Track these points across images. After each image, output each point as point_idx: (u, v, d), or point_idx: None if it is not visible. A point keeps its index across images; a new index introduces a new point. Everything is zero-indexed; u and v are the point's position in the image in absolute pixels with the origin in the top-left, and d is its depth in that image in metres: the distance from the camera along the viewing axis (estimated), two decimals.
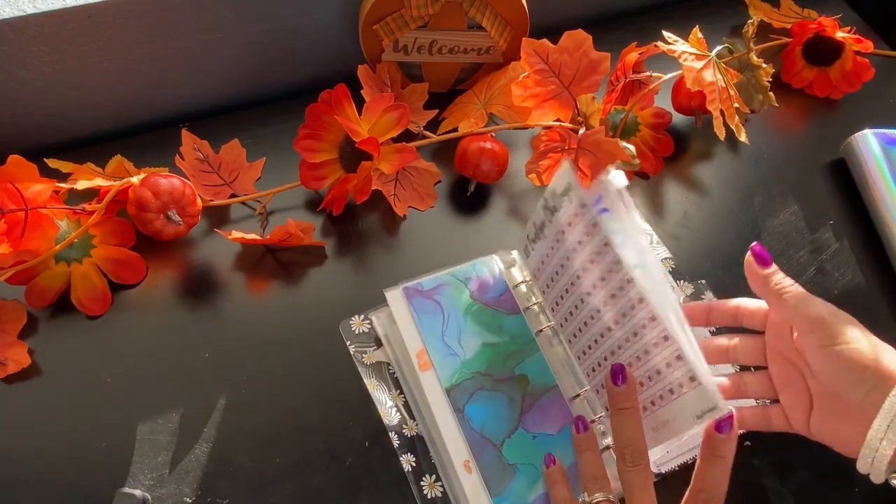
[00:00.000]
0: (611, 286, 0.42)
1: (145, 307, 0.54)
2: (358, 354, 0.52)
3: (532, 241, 0.50)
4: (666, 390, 0.41)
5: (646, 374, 0.42)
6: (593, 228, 0.42)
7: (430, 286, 0.52)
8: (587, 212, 0.42)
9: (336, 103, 0.54)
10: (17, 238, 0.49)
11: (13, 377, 0.50)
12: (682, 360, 0.39)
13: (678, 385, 0.40)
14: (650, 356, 0.41)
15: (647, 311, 0.40)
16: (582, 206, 0.42)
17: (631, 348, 0.42)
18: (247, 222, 0.59)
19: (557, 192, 0.44)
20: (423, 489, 0.47)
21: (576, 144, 0.57)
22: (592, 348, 0.46)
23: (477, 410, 0.47)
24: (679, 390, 0.40)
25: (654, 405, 0.42)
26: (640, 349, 0.41)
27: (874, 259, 0.60)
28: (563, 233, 0.45)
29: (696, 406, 0.39)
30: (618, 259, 0.41)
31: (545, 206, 0.46)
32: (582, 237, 0.43)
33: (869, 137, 0.62)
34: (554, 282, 0.48)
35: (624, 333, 0.42)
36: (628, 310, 0.41)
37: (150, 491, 0.46)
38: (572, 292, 0.46)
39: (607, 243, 0.41)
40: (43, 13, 0.52)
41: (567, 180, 0.43)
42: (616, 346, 0.43)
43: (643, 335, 0.41)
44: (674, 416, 0.41)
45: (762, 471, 0.49)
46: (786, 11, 0.75)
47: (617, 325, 0.43)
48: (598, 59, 0.57)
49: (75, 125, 0.62)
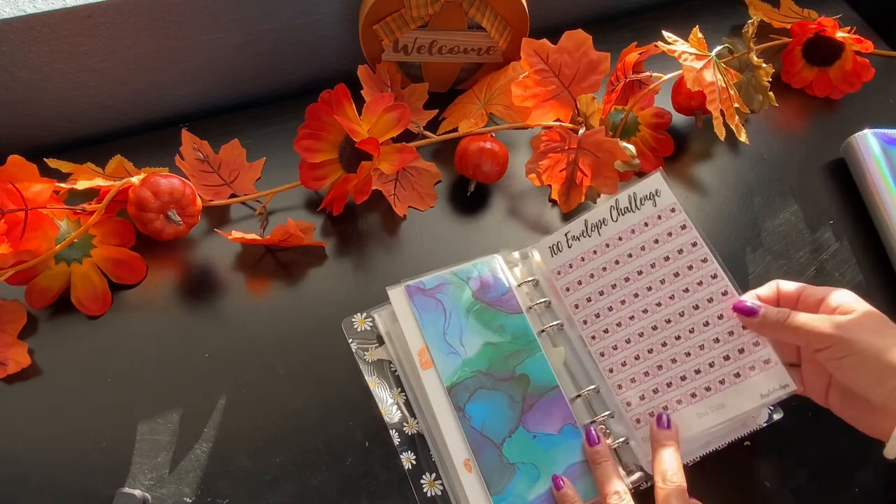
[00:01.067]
0: (687, 281, 0.48)
1: (145, 307, 0.54)
2: (360, 352, 0.52)
3: (573, 238, 0.52)
4: (731, 374, 0.45)
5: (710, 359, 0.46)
6: (681, 230, 0.49)
7: (432, 285, 0.52)
8: (676, 216, 0.49)
9: (336, 103, 0.54)
10: (17, 238, 0.49)
11: (13, 377, 0.50)
12: (759, 346, 0.45)
13: (748, 368, 0.45)
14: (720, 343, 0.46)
15: (728, 303, 0.46)
16: (672, 210, 0.49)
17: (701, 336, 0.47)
18: (247, 222, 0.59)
19: (640, 195, 0.50)
20: (423, 487, 0.47)
21: (576, 144, 0.57)
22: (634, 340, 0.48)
23: (477, 409, 0.47)
24: (748, 373, 0.45)
25: (724, 384, 0.45)
26: (710, 337, 0.46)
27: (874, 259, 0.60)
28: (633, 231, 0.50)
29: (765, 385, 0.44)
30: (705, 257, 0.48)
31: (615, 207, 0.51)
32: (661, 237, 0.49)
33: (869, 137, 0.62)
34: (594, 278, 0.51)
35: (691, 323, 0.47)
36: (704, 302, 0.47)
37: (150, 491, 0.46)
38: (623, 287, 0.50)
39: (695, 243, 0.48)
40: (43, 13, 0.52)
41: (657, 186, 0.50)
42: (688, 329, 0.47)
43: (719, 324, 0.46)
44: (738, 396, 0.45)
45: (762, 471, 0.49)
46: (786, 11, 0.75)
47: (682, 317, 0.47)
48: (598, 59, 0.58)
49: (75, 125, 0.63)
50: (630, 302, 0.49)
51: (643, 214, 0.50)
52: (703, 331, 0.47)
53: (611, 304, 0.50)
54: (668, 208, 0.49)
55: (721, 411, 0.45)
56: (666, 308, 0.48)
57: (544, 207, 0.61)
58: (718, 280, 0.47)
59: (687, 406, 0.46)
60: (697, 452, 0.47)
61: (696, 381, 0.46)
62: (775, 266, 0.58)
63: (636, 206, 0.50)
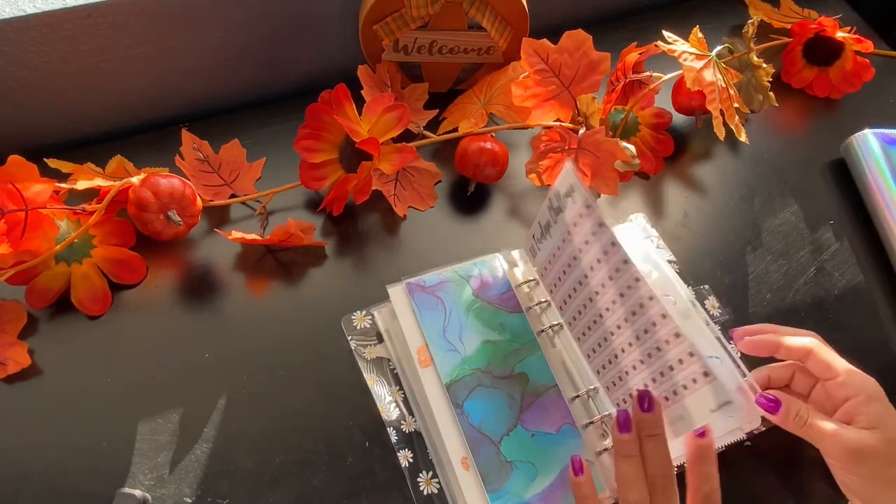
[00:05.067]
0: (619, 285, 0.42)
1: (145, 307, 0.54)
2: (359, 349, 0.52)
3: (538, 241, 0.50)
4: (679, 386, 0.41)
5: (657, 370, 0.42)
6: (600, 228, 0.42)
7: (432, 282, 0.52)
8: (592, 212, 0.43)
9: (336, 103, 0.54)
10: (17, 238, 0.49)
11: (13, 377, 0.50)
12: (694, 357, 0.40)
13: (691, 381, 0.40)
14: (662, 353, 0.41)
15: (657, 309, 0.40)
16: (587, 207, 0.43)
17: (641, 347, 0.42)
18: (247, 222, 0.59)
19: (561, 192, 0.45)
20: (420, 485, 0.47)
21: (576, 144, 0.57)
22: (602, 346, 0.46)
23: (476, 406, 0.47)
24: (693, 385, 0.40)
25: (668, 401, 0.42)
26: (651, 347, 0.42)
27: (874, 259, 0.60)
28: (570, 233, 0.45)
29: (712, 401, 0.40)
30: (626, 258, 0.41)
31: (550, 207, 0.47)
32: (588, 237, 0.44)
33: (869, 137, 0.62)
34: (561, 281, 0.48)
35: (634, 332, 0.42)
36: (637, 308, 0.41)
37: (150, 491, 0.46)
38: (580, 291, 0.46)
39: (614, 242, 0.41)
40: (43, 13, 0.52)
41: (570, 181, 0.44)
42: (627, 343, 0.43)
43: (654, 333, 0.41)
44: (688, 412, 0.41)
45: (762, 471, 0.49)
46: (786, 11, 0.75)
47: (626, 324, 0.43)
48: (598, 59, 0.57)
49: (75, 125, 0.63)
50: (590, 306, 0.46)
51: (572, 212, 0.45)
52: (644, 341, 0.42)
53: (581, 306, 0.47)
54: (584, 205, 0.44)
55: (682, 423, 0.42)
56: (612, 315, 0.44)
57: None
58: (642, 284, 0.41)
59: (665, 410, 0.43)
60: None
61: (657, 390, 0.43)
62: (775, 266, 0.58)
63: (563, 206, 0.45)
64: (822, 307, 0.57)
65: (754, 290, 0.57)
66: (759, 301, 0.56)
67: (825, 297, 0.57)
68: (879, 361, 0.52)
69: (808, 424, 0.44)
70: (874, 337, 0.56)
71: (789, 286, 0.57)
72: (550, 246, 0.48)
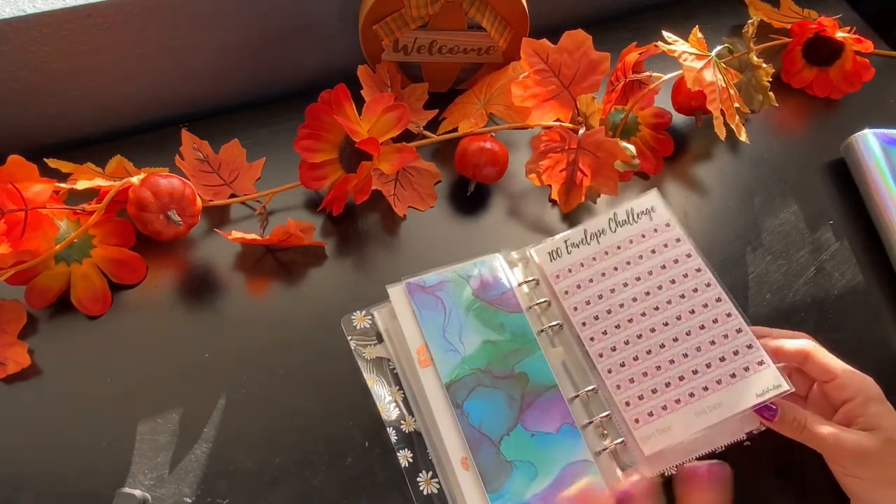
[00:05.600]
0: (682, 287, 0.51)
1: (145, 307, 0.54)
2: (359, 349, 0.52)
3: (573, 245, 0.54)
4: (727, 374, 0.47)
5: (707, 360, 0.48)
6: (676, 243, 0.53)
7: (432, 282, 0.52)
8: (671, 230, 0.53)
9: (336, 103, 0.54)
10: (17, 238, 0.49)
11: (13, 377, 0.50)
12: (752, 349, 0.48)
13: (743, 369, 0.47)
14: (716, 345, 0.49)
15: (724, 307, 0.50)
16: (667, 225, 0.53)
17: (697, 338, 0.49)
18: (247, 222, 0.59)
19: (637, 210, 0.54)
20: (420, 485, 0.47)
21: (576, 144, 0.57)
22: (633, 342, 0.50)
23: (476, 406, 0.47)
24: (744, 373, 0.47)
25: (721, 384, 0.47)
26: (706, 339, 0.49)
27: (874, 259, 0.59)
28: (631, 242, 0.53)
29: (760, 385, 0.46)
30: (700, 267, 0.52)
31: (613, 220, 0.54)
32: (658, 247, 0.53)
33: (869, 137, 0.62)
34: (593, 283, 0.52)
35: (688, 327, 0.50)
36: (700, 307, 0.50)
37: (150, 491, 0.46)
38: (621, 292, 0.52)
39: (690, 254, 0.52)
40: (43, 13, 0.52)
41: (653, 203, 0.55)
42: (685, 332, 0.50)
43: (714, 328, 0.49)
44: (734, 396, 0.47)
45: (762, 471, 0.49)
46: (786, 11, 0.75)
47: (679, 321, 0.50)
48: (598, 59, 0.57)
49: (75, 125, 0.63)
50: (628, 306, 0.51)
51: (640, 227, 0.54)
52: (699, 333, 0.49)
53: (610, 308, 0.51)
54: (664, 223, 0.54)
55: (719, 410, 0.46)
56: (663, 312, 0.50)
57: (544, 207, 0.61)
58: (712, 288, 0.51)
59: (685, 405, 0.47)
60: (699, 451, 0.47)
61: (694, 382, 0.48)
62: (775, 266, 0.58)
63: (633, 220, 0.54)
64: (822, 307, 0.57)
65: (754, 290, 0.57)
66: (759, 301, 0.56)
67: (825, 297, 0.57)
68: (879, 361, 0.52)
69: (807, 430, 0.44)
70: (874, 337, 0.56)
71: (789, 286, 0.57)
72: (591, 251, 0.54)
